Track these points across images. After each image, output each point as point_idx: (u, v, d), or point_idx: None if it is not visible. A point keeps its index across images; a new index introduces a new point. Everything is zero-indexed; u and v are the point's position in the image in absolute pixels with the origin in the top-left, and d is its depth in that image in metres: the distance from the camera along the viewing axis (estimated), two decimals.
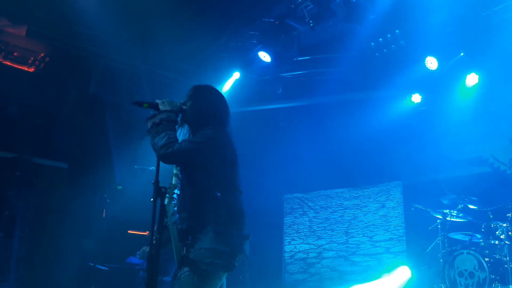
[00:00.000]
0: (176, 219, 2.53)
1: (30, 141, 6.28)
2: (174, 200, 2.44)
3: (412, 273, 6.25)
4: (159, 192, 2.41)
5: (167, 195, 2.43)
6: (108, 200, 5.78)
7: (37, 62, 6.33)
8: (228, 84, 7.04)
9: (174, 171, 2.51)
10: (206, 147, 2.57)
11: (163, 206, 2.42)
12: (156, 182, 2.43)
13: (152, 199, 2.40)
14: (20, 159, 6.01)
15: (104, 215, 6.06)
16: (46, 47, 6.23)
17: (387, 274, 6.45)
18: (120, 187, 5.87)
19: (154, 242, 2.36)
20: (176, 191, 2.46)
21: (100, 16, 5.56)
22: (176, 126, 2.67)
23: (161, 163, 2.53)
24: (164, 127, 2.55)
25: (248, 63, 6.92)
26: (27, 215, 5.95)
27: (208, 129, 2.63)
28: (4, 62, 6.13)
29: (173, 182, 2.46)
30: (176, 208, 2.52)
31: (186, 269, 2.46)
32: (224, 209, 2.55)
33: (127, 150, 6.86)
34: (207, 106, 2.74)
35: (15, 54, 6.18)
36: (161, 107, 2.64)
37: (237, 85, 7.08)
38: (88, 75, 6.54)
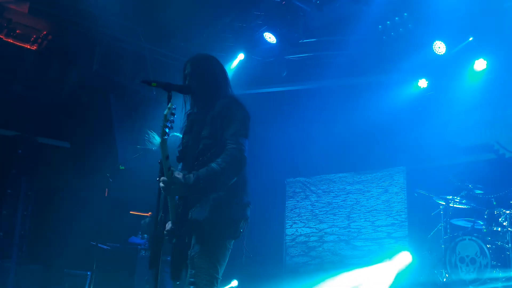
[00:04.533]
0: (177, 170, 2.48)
1: (32, 120, 6.25)
2: (166, 135, 2.35)
3: (413, 258, 6.27)
4: None
5: (164, 136, 2.35)
6: (110, 180, 5.78)
7: (39, 40, 6.25)
8: (232, 66, 6.96)
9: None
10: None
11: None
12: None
13: (158, 179, 2.37)
14: (22, 137, 5.99)
15: (106, 195, 6.07)
16: (49, 25, 6.15)
17: (388, 260, 6.47)
18: (123, 167, 5.86)
19: (159, 221, 2.34)
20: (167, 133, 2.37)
21: None
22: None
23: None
24: (207, 179, 2.40)
25: (253, 44, 6.83)
26: (30, 193, 5.96)
27: (229, 102, 2.60)
28: (6, 40, 6.06)
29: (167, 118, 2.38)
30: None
31: (196, 248, 2.46)
32: None
33: (130, 130, 6.83)
34: (213, 74, 2.71)
35: (17, 31, 6.11)
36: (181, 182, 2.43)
37: (241, 66, 7.00)
38: (92, 53, 6.47)
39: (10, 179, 5.93)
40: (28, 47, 6.22)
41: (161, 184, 2.37)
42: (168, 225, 2.56)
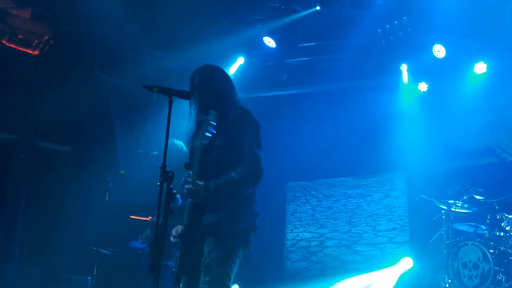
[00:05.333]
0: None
1: (33, 124, 6.25)
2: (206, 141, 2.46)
3: (415, 264, 6.24)
4: (166, 176, 2.38)
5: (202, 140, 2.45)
6: (111, 184, 5.78)
7: (41, 45, 6.27)
8: (232, 70, 6.98)
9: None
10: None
11: (169, 190, 2.40)
12: (163, 166, 2.41)
13: (158, 183, 2.38)
14: (24, 141, 5.99)
15: (107, 199, 6.07)
16: (51, 30, 6.17)
17: (391, 267, 6.45)
18: (123, 172, 5.86)
19: (159, 226, 2.34)
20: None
21: None
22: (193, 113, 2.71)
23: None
24: (227, 188, 2.54)
25: (253, 48, 6.85)
26: (30, 197, 5.96)
27: (242, 114, 2.69)
28: (8, 45, 6.08)
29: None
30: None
31: (213, 255, 2.52)
32: None
33: (131, 134, 6.83)
34: (221, 85, 2.78)
35: (19, 36, 6.13)
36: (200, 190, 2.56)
37: (241, 70, 7.02)
38: (92, 58, 6.48)
39: (11, 183, 5.93)
40: (30, 52, 6.24)
41: (186, 188, 2.50)
42: (178, 229, 2.63)
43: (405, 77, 6.70)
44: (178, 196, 3.88)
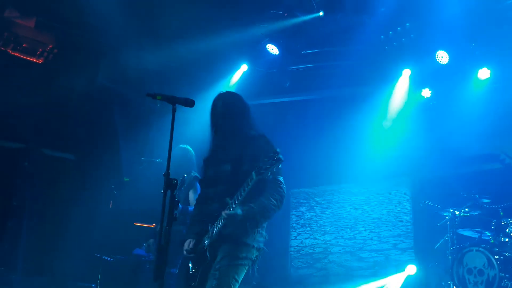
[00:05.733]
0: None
1: (38, 132, 6.29)
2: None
3: (420, 270, 6.20)
4: (170, 183, 2.40)
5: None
6: (115, 192, 5.80)
7: (45, 54, 6.32)
8: (235, 77, 7.00)
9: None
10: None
11: (172, 197, 2.41)
12: (167, 173, 2.42)
13: (162, 191, 2.39)
14: (28, 149, 6.03)
15: (110, 207, 6.08)
16: (55, 39, 6.23)
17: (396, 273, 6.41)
18: (127, 179, 5.88)
19: (163, 233, 2.35)
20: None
21: (109, 7, 5.54)
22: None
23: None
24: (260, 213, 2.75)
25: (256, 55, 6.88)
26: (35, 205, 5.98)
27: (265, 142, 2.91)
28: (13, 53, 6.14)
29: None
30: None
31: (224, 262, 2.66)
32: None
33: (135, 142, 6.86)
34: (243, 112, 2.98)
35: (24, 45, 6.19)
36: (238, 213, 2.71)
37: (244, 77, 7.04)
38: (96, 66, 6.53)
39: (16, 191, 5.96)
40: (35, 60, 6.29)
41: (225, 214, 2.63)
42: (190, 243, 2.81)
43: (406, 83, 6.70)
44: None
